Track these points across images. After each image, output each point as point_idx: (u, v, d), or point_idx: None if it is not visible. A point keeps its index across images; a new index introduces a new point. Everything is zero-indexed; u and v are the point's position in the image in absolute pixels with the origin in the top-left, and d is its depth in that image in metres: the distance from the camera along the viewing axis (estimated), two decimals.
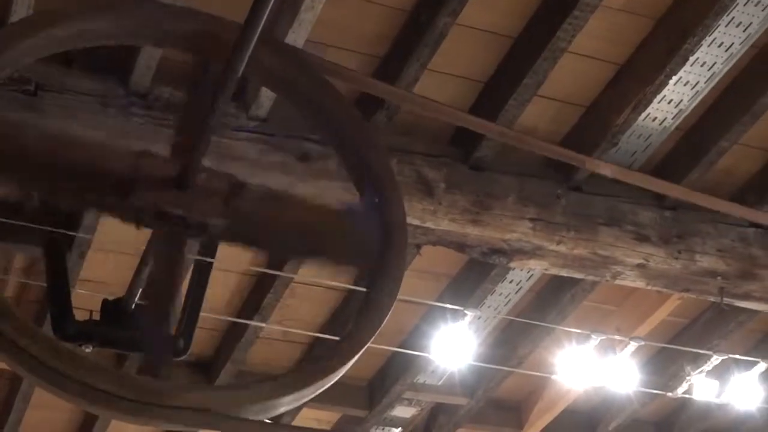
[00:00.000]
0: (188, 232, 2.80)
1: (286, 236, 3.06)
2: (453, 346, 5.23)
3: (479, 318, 5.54)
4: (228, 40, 2.67)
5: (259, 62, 2.94)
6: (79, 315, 3.23)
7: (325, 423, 6.50)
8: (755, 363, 5.56)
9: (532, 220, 4.45)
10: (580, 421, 6.72)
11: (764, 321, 5.91)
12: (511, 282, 5.39)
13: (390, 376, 5.97)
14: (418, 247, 4.48)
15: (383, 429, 6.51)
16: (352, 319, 2.95)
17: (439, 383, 6.05)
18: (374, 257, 3.03)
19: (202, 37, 3.03)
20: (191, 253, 3.59)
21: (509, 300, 5.52)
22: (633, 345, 5.28)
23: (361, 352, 2.85)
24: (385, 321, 2.92)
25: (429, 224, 4.25)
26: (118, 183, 2.75)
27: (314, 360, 3.56)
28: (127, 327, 3.33)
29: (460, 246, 4.41)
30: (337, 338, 3.01)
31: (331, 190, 4.07)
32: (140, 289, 3.37)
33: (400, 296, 5.00)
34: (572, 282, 5.12)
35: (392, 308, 2.95)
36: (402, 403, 6.30)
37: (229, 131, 3.96)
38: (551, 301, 5.40)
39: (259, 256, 4.97)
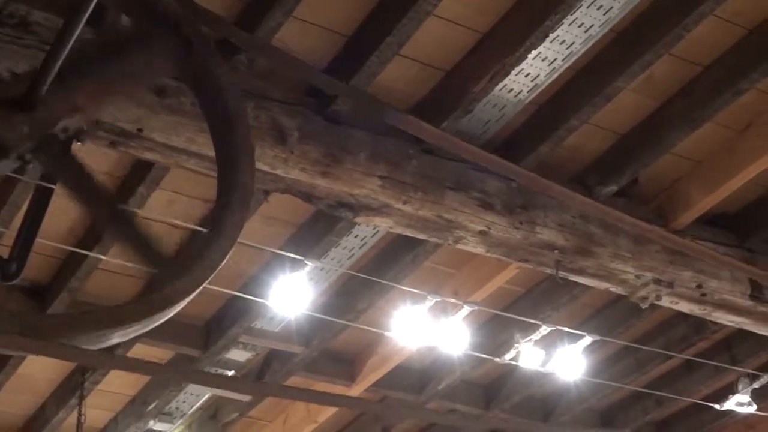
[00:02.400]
0: (28, 154, 2.74)
1: None
2: (292, 294, 5.24)
3: (321, 269, 5.57)
4: None
5: None
6: None
7: (158, 359, 6.46)
8: (581, 336, 5.73)
9: (381, 177, 4.49)
10: (411, 379, 6.84)
11: (596, 297, 6.11)
12: (356, 237, 5.43)
13: (228, 319, 5.96)
14: (267, 193, 4.47)
15: (216, 371, 6.50)
16: (190, 259, 2.92)
17: (276, 330, 6.06)
18: (219, 199, 3.02)
19: None
20: (33, 177, 3.53)
21: (353, 254, 5.56)
22: (467, 309, 5.38)
23: (194, 294, 2.84)
24: (221, 265, 2.91)
25: (279, 172, 4.24)
26: None
27: (148, 295, 3.53)
28: None
29: (308, 196, 4.42)
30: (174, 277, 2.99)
31: (183, 127, 4.03)
32: None
33: (243, 241, 5.00)
34: (415, 242, 5.18)
35: (229, 253, 2.94)
36: (237, 347, 6.30)
37: None
38: (393, 260, 5.46)
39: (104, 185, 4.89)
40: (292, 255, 5.13)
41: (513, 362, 5.80)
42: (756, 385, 6.71)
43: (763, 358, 6.83)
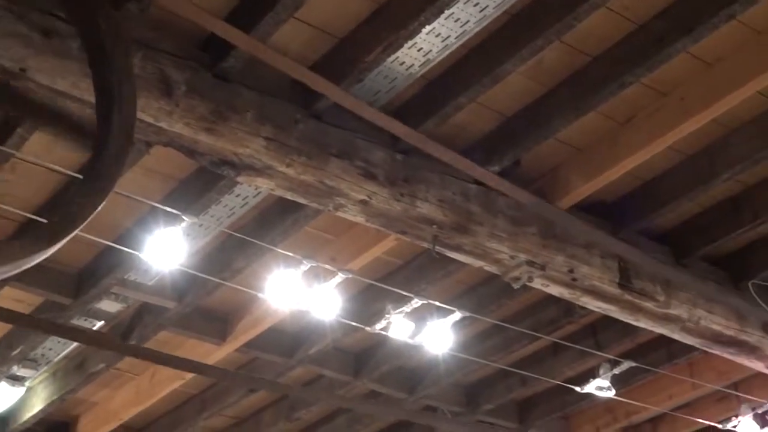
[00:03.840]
0: None
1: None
2: (168, 249, 5.20)
3: (200, 226, 5.54)
4: None
5: None
6: None
7: (26, 305, 6.36)
8: (452, 312, 5.81)
9: (266, 139, 4.47)
10: (283, 341, 6.86)
11: (470, 274, 6.20)
12: (237, 196, 5.41)
13: (101, 269, 5.89)
14: (149, 145, 4.41)
15: (86, 320, 6.43)
16: (64, 205, 2.88)
17: (150, 283, 6.01)
18: (96, 145, 2.99)
19: None
20: None
21: (233, 213, 5.55)
22: (341, 276, 5.40)
23: (64, 240, 2.81)
24: (93, 213, 2.88)
25: (163, 124, 4.19)
26: None
27: (18, 239, 3.47)
28: None
29: (191, 152, 4.38)
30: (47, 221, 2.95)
31: (67, 71, 3.95)
32: None
33: (122, 191, 4.97)
34: (297, 206, 5.18)
35: (104, 201, 2.91)
36: (109, 297, 6.23)
37: None
38: (273, 222, 5.46)
39: None
40: (170, 209, 5.08)
41: (383, 332, 5.85)
42: (616, 370, 6.89)
43: (627, 345, 7.03)
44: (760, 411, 7.41)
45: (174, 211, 5.08)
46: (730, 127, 5.36)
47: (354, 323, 5.85)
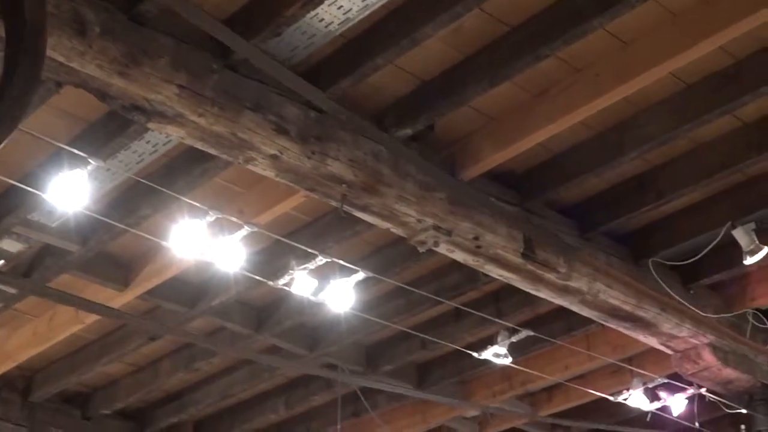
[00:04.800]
0: None
1: None
2: (73, 191, 5.11)
3: (108, 170, 5.47)
4: None
5: None
6: None
7: None
8: (356, 271, 5.82)
9: (180, 86, 4.42)
10: (186, 291, 6.83)
11: (377, 236, 6.22)
12: (148, 142, 5.35)
13: (3, 208, 5.76)
14: (59, 84, 4.33)
15: None
16: None
17: (53, 225, 5.93)
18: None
19: None
20: None
21: (142, 159, 5.49)
22: (248, 229, 5.38)
23: None
24: None
25: (74, 65, 4.12)
26: None
27: None
28: None
29: (102, 95, 4.32)
30: None
31: None
32: None
33: (29, 131, 4.87)
34: (207, 157, 5.14)
35: (4, 141, 2.84)
36: (11, 237, 6.14)
37: None
38: (182, 171, 5.41)
39: None
40: (77, 152, 5.00)
41: (286, 288, 5.84)
42: (514, 338, 6.99)
43: (527, 314, 7.13)
44: (651, 386, 7.59)
45: (81, 154, 5.00)
46: (641, 107, 5.45)
47: (258, 277, 5.84)
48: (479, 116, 5.42)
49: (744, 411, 7.27)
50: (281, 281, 5.76)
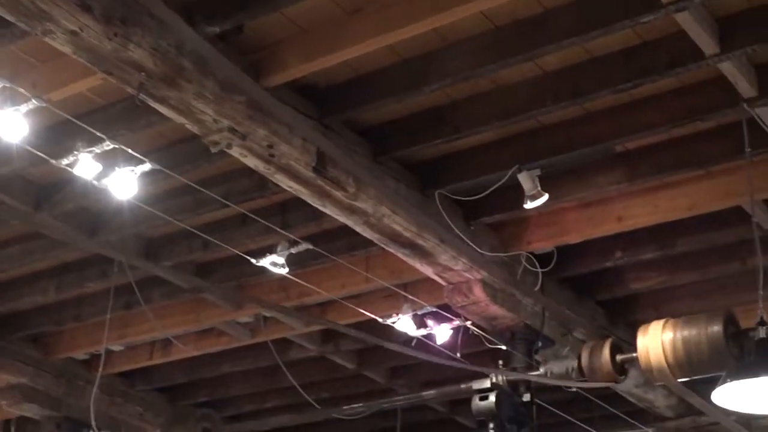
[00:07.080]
0: None
1: None
2: None
3: None
4: None
5: None
6: None
7: None
8: (143, 162, 5.71)
9: None
10: None
11: (172, 130, 6.13)
12: None
13: None
14: None
15: None
16: None
17: None
18: None
19: None
20: None
21: None
22: (35, 103, 5.19)
23: None
24: None
25: None
26: None
27: None
28: None
29: None
30: None
31: None
32: None
33: None
34: (3, 23, 4.91)
35: None
36: None
37: None
38: None
39: None
40: None
41: (69, 168, 5.69)
42: (293, 250, 7.03)
43: (312, 229, 7.19)
44: (419, 312, 7.80)
45: None
46: (450, 40, 5.52)
47: (40, 153, 5.66)
48: (291, 25, 5.38)
49: (504, 347, 7.56)
50: (65, 161, 5.60)
